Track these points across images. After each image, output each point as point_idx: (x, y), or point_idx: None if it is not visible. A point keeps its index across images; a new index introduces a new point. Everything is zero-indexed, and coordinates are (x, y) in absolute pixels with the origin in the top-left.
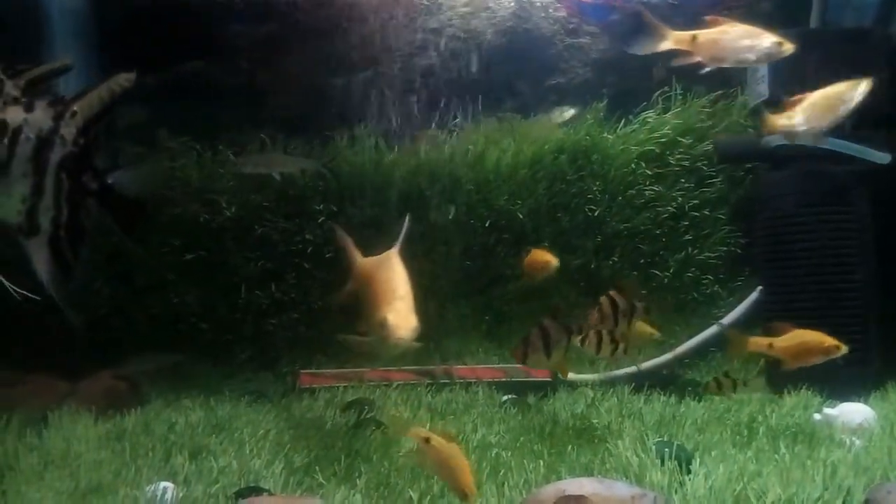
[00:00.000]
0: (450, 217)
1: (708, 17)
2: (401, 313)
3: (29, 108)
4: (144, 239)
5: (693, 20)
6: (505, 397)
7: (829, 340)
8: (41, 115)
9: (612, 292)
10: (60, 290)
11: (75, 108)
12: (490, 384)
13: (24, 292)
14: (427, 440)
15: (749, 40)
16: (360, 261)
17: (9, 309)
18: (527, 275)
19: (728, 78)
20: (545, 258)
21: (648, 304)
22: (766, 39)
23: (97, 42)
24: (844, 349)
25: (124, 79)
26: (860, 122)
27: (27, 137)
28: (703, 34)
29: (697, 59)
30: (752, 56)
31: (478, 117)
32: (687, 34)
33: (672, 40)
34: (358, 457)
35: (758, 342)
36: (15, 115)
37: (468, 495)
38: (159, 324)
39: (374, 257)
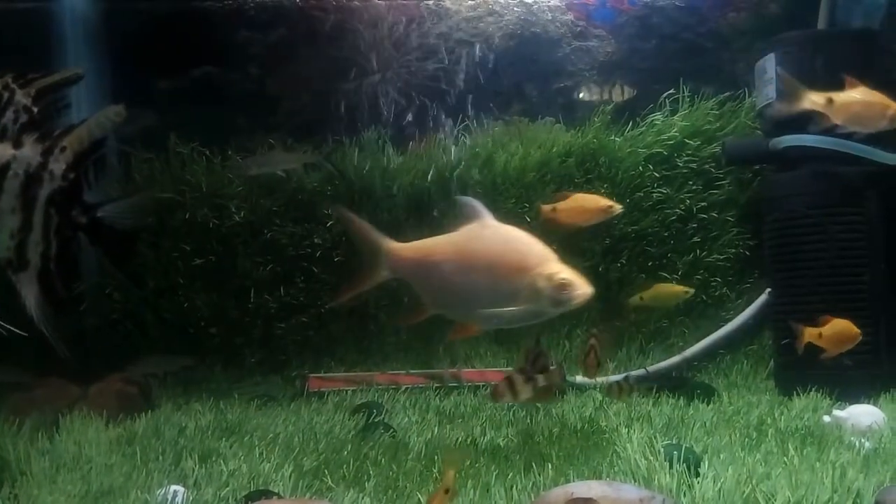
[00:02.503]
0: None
1: (846, 79)
2: (570, 270)
3: (17, 145)
4: (156, 244)
5: (701, 22)
6: None
7: (855, 329)
8: (30, 151)
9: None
10: (50, 325)
11: (64, 144)
12: None
13: (11, 328)
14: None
15: (879, 110)
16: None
17: (21, 313)
18: (557, 222)
19: (735, 80)
20: (598, 203)
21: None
22: (892, 111)
23: (108, 48)
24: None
25: (114, 112)
26: None
27: (15, 174)
28: (839, 98)
29: (835, 121)
30: (883, 124)
31: (485, 121)
32: (822, 96)
33: (808, 101)
34: (367, 460)
35: (812, 332)
36: (3, 151)
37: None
38: (169, 328)
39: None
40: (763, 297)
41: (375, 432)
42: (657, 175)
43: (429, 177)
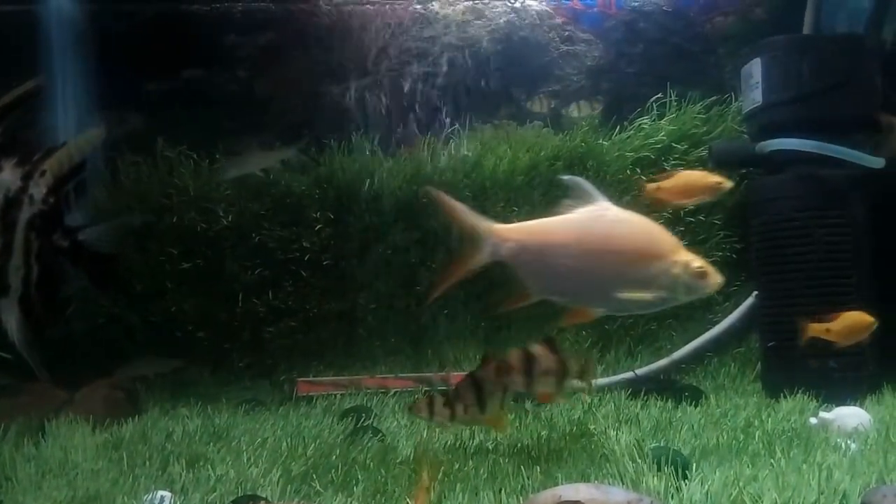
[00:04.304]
0: (447, 224)
1: None
2: (699, 258)
3: None
4: (143, 248)
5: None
6: None
7: (869, 318)
8: (10, 176)
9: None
10: (31, 349)
11: (45, 168)
12: None
13: None
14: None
15: None
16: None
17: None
18: (662, 201)
19: (722, 84)
20: (706, 180)
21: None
22: None
23: (95, 51)
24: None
25: (94, 135)
26: (855, 127)
27: None
28: None
29: None
30: None
31: (474, 124)
32: None
33: None
34: (355, 465)
35: (816, 328)
36: None
37: None
38: (157, 332)
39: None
40: (750, 300)
41: (364, 436)
42: (645, 179)
43: (416, 181)
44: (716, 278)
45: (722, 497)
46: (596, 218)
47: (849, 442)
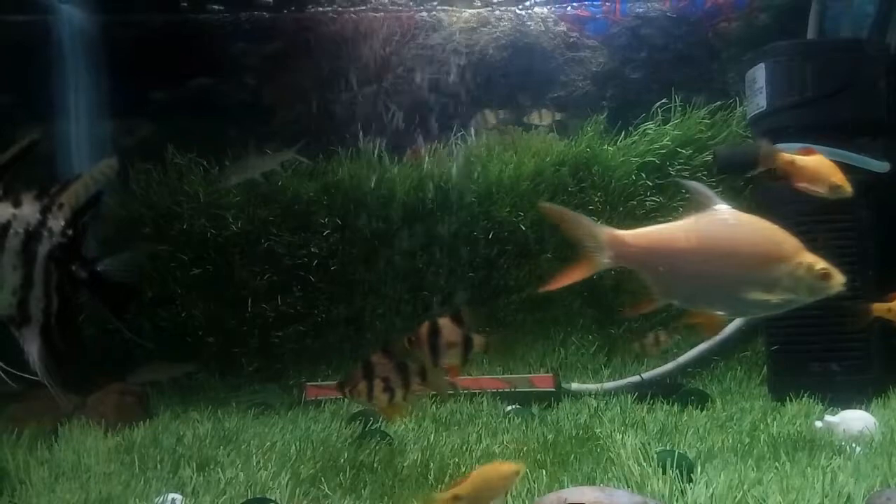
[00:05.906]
0: (453, 229)
1: None
2: (821, 260)
3: (16, 204)
4: (154, 255)
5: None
6: (509, 408)
7: None
8: (28, 210)
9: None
10: (51, 376)
11: (62, 201)
12: (494, 395)
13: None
14: None
15: None
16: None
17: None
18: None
19: (726, 89)
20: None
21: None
22: None
23: (106, 61)
24: None
25: (107, 166)
26: (859, 131)
27: (16, 232)
28: None
29: None
30: None
31: (480, 130)
32: None
33: None
34: (363, 468)
35: (880, 307)
36: (2, 211)
37: None
38: (167, 337)
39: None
40: None
41: (372, 440)
42: (650, 183)
43: (423, 187)
44: (839, 279)
45: (727, 500)
46: (718, 222)
47: (854, 445)
